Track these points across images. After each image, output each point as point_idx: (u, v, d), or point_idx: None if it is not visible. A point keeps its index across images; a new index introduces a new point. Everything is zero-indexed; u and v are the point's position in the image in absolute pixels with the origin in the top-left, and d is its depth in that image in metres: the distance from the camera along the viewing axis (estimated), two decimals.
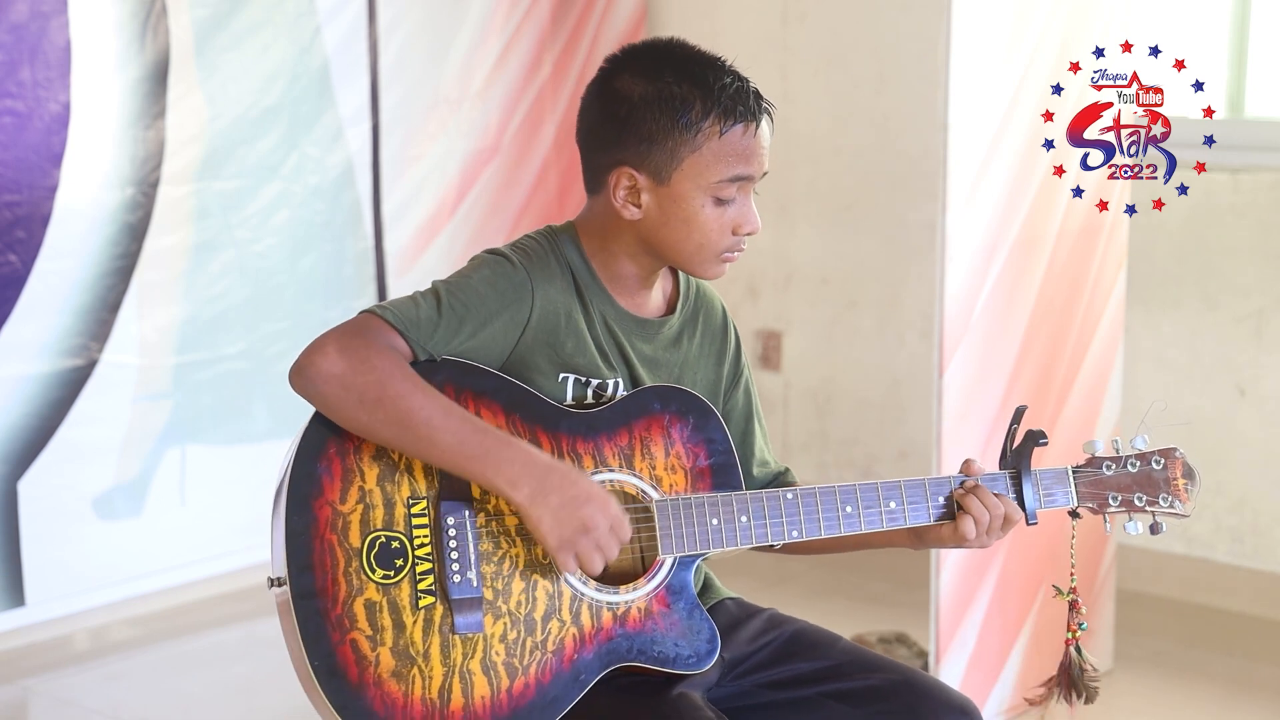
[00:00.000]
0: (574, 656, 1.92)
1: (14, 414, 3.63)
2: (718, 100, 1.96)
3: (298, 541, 1.87)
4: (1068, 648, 2.09)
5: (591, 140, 2.03)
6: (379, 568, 1.88)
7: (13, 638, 3.66)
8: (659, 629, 1.96)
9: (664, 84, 1.96)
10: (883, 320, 4.38)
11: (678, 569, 1.98)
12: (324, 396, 1.87)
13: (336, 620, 1.86)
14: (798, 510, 1.99)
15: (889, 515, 2.00)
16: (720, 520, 1.97)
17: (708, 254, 2.00)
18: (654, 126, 1.96)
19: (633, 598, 1.95)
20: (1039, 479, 2.03)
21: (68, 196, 3.64)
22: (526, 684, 1.90)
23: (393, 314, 1.91)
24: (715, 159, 1.96)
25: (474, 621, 1.89)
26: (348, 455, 1.90)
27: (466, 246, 4.33)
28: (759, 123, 1.99)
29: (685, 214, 1.97)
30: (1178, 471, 2.06)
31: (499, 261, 1.98)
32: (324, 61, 4.03)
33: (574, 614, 1.93)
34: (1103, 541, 3.45)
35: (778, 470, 2.19)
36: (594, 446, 1.96)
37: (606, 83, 2.01)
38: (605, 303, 2.03)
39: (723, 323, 2.16)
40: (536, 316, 1.97)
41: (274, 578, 1.91)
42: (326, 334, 1.90)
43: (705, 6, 4.60)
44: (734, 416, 2.16)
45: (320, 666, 1.85)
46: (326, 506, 1.88)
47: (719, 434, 2.02)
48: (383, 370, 1.86)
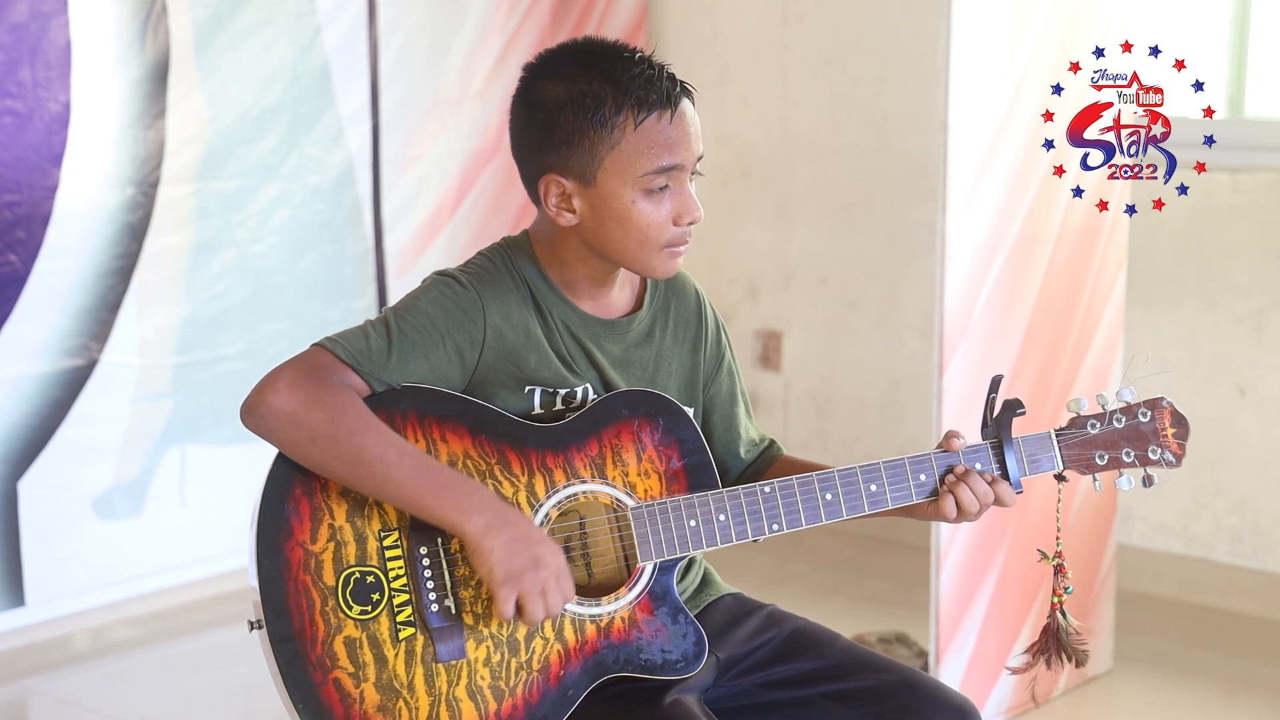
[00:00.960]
0: (560, 673, 1.91)
1: (14, 414, 3.63)
2: (627, 92, 1.92)
3: (271, 586, 1.86)
4: (1054, 611, 2.06)
5: (519, 152, 2.01)
6: (356, 604, 1.87)
7: (13, 638, 3.66)
8: (644, 637, 1.94)
9: (575, 84, 1.94)
10: (883, 320, 4.38)
11: (659, 574, 1.96)
12: (276, 434, 1.87)
13: (318, 660, 1.85)
14: (776, 503, 1.96)
15: (871, 498, 1.97)
16: (698, 521, 1.95)
17: (650, 249, 1.96)
18: (570, 129, 1.93)
19: (615, 608, 1.94)
20: (1021, 446, 2.00)
21: (68, 196, 3.64)
22: (515, 705, 1.89)
23: (343, 348, 1.89)
24: (635, 153, 1.92)
25: (456, 648, 1.88)
26: (315, 494, 1.88)
27: (466, 246, 4.33)
28: (675, 108, 1.94)
29: (618, 213, 1.94)
30: (1166, 421, 2.01)
31: (448, 283, 1.96)
32: (324, 61, 4.03)
33: (557, 630, 1.91)
34: (1103, 542, 3.45)
35: (763, 445, 2.16)
36: (564, 459, 1.94)
37: (525, 92, 1.99)
38: (566, 310, 2.00)
39: (696, 307, 2.11)
40: (491, 335, 1.95)
41: (253, 620, 1.89)
42: (277, 370, 1.88)
43: (705, 6, 4.60)
44: (719, 400, 2.12)
45: (305, 708, 1.84)
46: (298, 548, 1.87)
47: (690, 433, 1.98)
48: (334, 408, 1.84)
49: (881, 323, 4.38)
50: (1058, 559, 2.04)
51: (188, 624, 3.86)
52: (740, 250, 4.61)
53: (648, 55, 1.96)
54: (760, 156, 4.53)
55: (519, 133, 2.01)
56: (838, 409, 4.48)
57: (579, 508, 1.95)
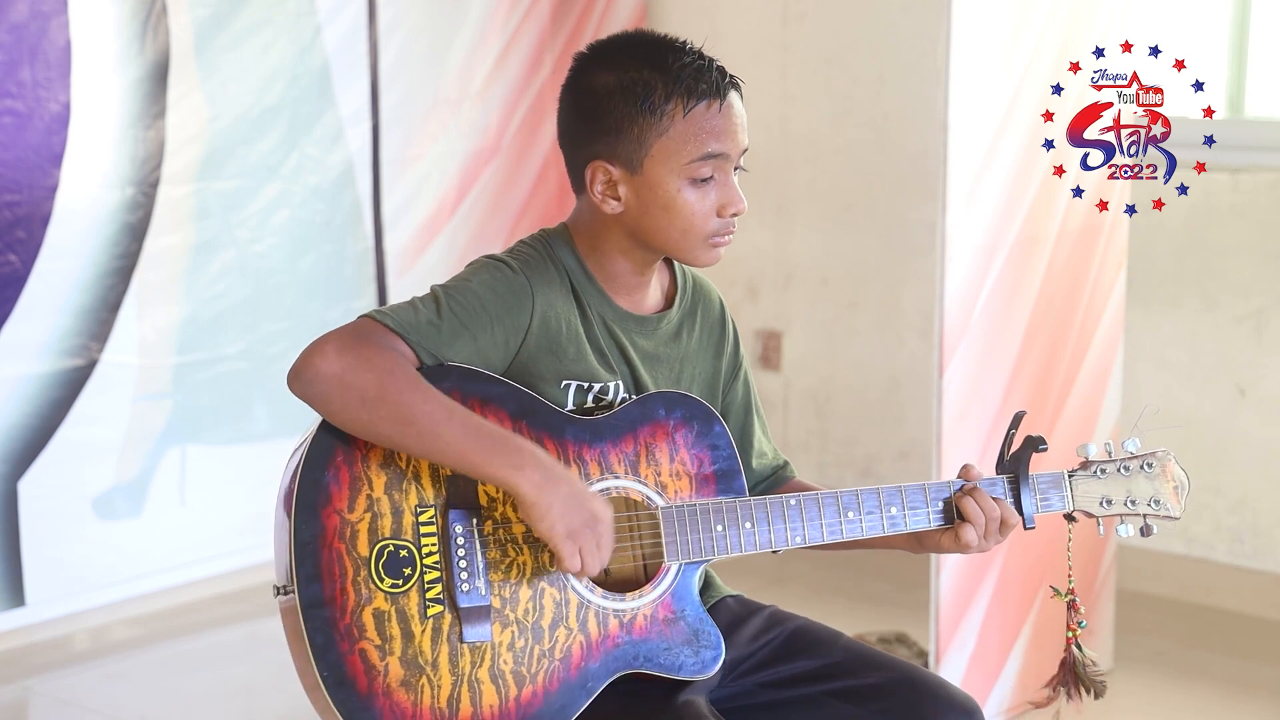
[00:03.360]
0: (581, 664, 1.92)
1: (14, 414, 3.63)
2: (678, 80, 1.94)
3: (305, 550, 1.86)
4: (1069, 646, 2.08)
5: (567, 139, 2.02)
6: (387, 577, 1.87)
7: (13, 638, 3.66)
8: (665, 636, 1.95)
9: (625, 72, 1.95)
10: (883, 320, 4.38)
11: (682, 575, 1.97)
12: (324, 396, 1.86)
13: (345, 630, 1.85)
14: (800, 516, 1.98)
15: (890, 520, 2.00)
16: (725, 526, 1.97)
17: (694, 239, 1.98)
18: (620, 116, 1.95)
19: (639, 604, 1.95)
20: (1035, 484, 2.03)
21: (68, 196, 3.64)
22: (534, 692, 1.90)
23: (392, 318, 1.90)
24: (683, 140, 1.94)
25: (482, 630, 1.89)
26: (355, 463, 1.89)
27: (466, 246, 4.33)
28: (724, 98, 1.96)
29: (663, 200, 1.96)
30: (1168, 475, 2.07)
31: (499, 267, 1.97)
32: (324, 61, 4.03)
33: (581, 621, 1.92)
34: (1102, 542, 3.45)
35: (776, 463, 2.19)
36: (599, 453, 1.96)
37: (575, 80, 2.01)
38: (603, 303, 2.02)
39: (720, 315, 2.15)
40: (537, 323, 1.96)
41: (280, 586, 1.90)
42: (325, 336, 1.89)
43: (705, 6, 4.60)
44: (733, 409, 2.16)
45: (329, 676, 1.84)
46: (335, 515, 1.87)
47: (723, 440, 2.01)
48: (382, 368, 1.85)
49: (881, 323, 4.38)
50: (1070, 595, 2.07)
51: (188, 624, 3.86)
52: (740, 250, 4.61)
53: (698, 47, 1.99)
54: (760, 156, 4.52)
55: (568, 119, 2.02)
56: (838, 409, 4.48)
57: (610, 502, 1.95)
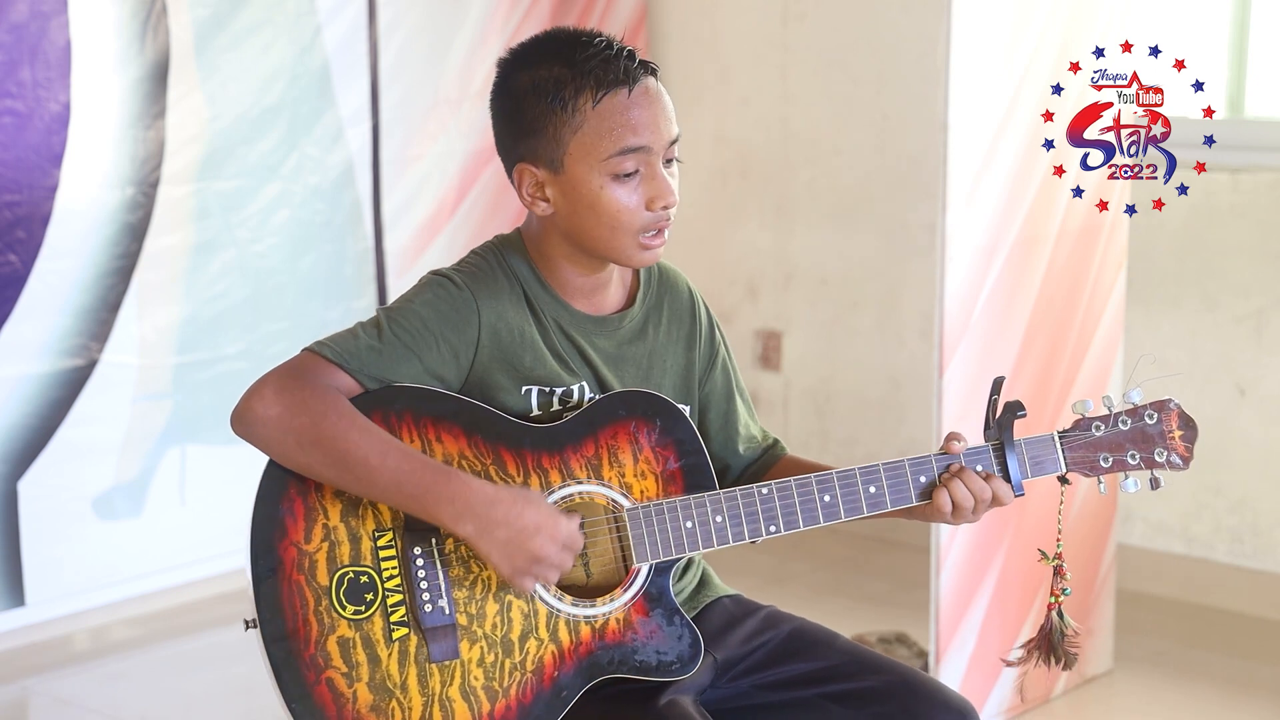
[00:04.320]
0: (554, 674, 1.91)
1: (14, 414, 3.63)
2: (585, 72, 1.90)
3: (265, 585, 1.86)
4: (1050, 611, 2.03)
5: (498, 145, 2.01)
6: (349, 604, 1.87)
7: (13, 638, 3.66)
8: (639, 638, 1.94)
9: (537, 70, 1.93)
10: (883, 320, 4.38)
11: (655, 575, 1.95)
12: (264, 440, 1.86)
13: (311, 660, 1.85)
14: (774, 505, 1.94)
15: (870, 500, 1.96)
16: (695, 522, 1.94)
17: (624, 236, 1.94)
18: (535, 115, 1.93)
19: (610, 609, 1.94)
20: (1024, 448, 1.98)
21: (68, 196, 3.64)
22: (508, 705, 1.89)
23: (331, 349, 1.89)
24: (598, 134, 1.91)
25: (449, 649, 1.88)
26: (309, 494, 1.88)
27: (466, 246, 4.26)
28: (634, 84, 1.92)
29: (588, 198, 1.93)
30: (1173, 423, 1.99)
31: (442, 283, 1.96)
32: (324, 61, 4.03)
33: (551, 631, 1.91)
34: (1103, 542, 3.45)
35: (766, 444, 2.14)
36: (560, 459, 1.93)
37: (498, 85, 1.99)
38: (558, 308, 2.00)
39: (689, 304, 2.11)
40: (486, 335, 1.94)
41: (248, 620, 1.90)
42: (264, 377, 1.88)
43: (705, 6, 4.60)
44: (714, 398, 2.12)
45: (299, 708, 1.85)
46: (291, 547, 1.87)
47: (688, 434, 1.97)
48: (318, 411, 1.84)
49: (881, 323, 4.38)
50: (1057, 560, 2.02)
51: (188, 624, 3.86)
52: (740, 250, 4.61)
53: (610, 38, 1.95)
54: (760, 156, 4.53)
55: (496, 126, 2.01)
56: (838, 409, 4.48)
57: (576, 508, 1.94)
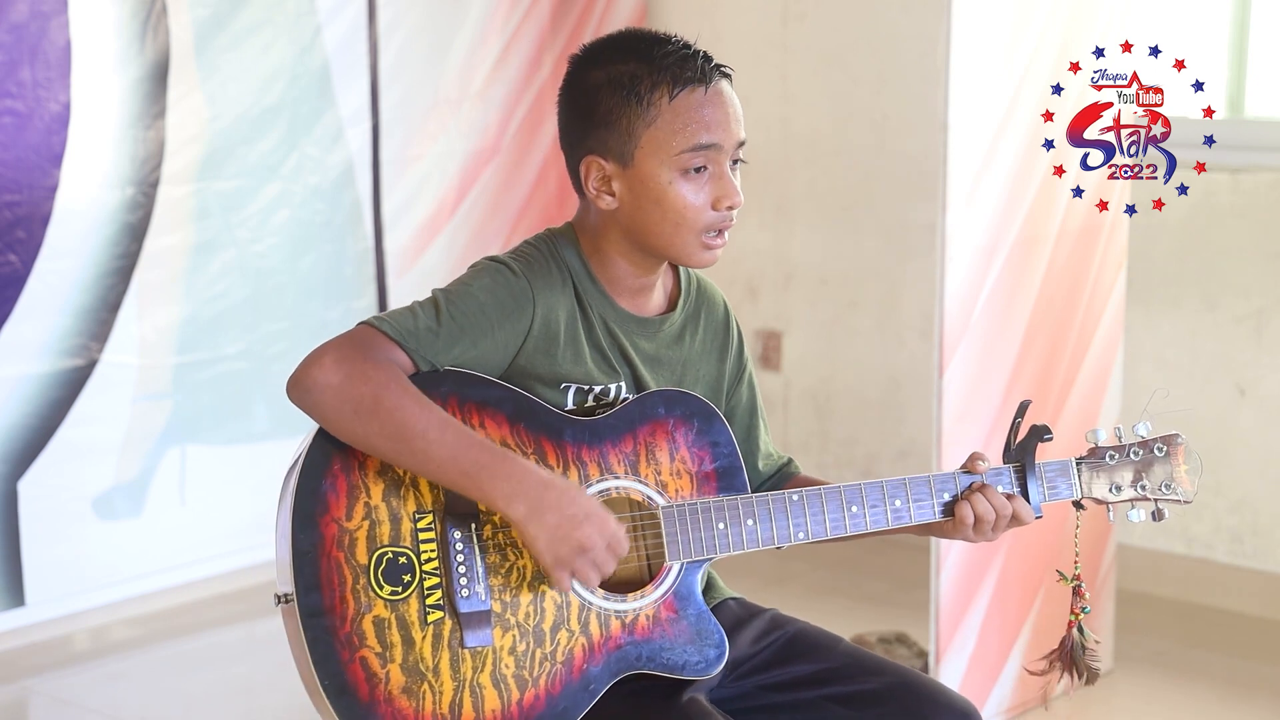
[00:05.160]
0: (583, 666, 1.92)
1: (14, 414, 3.63)
2: (662, 68, 1.94)
3: (304, 560, 1.86)
4: (1070, 629, 2.07)
5: (565, 139, 2.03)
6: (387, 584, 1.88)
7: (13, 638, 3.66)
8: (668, 636, 1.95)
9: (613, 66, 1.96)
10: (883, 320, 4.38)
11: (685, 574, 1.97)
12: (321, 407, 1.86)
13: (345, 638, 1.86)
14: (804, 512, 1.98)
15: (894, 514, 2.00)
16: (727, 524, 1.97)
17: (687, 234, 1.96)
18: (608, 109, 1.95)
19: (641, 605, 1.95)
20: (1043, 472, 2.03)
21: (68, 196, 3.64)
22: (537, 695, 1.90)
23: (390, 325, 1.90)
24: (672, 129, 1.94)
25: (483, 635, 1.89)
26: (353, 471, 1.89)
27: (466, 246, 4.33)
28: (710, 84, 1.96)
29: (655, 193, 1.95)
30: (1180, 458, 2.05)
31: (500, 270, 1.97)
32: (324, 61, 4.03)
33: (583, 624, 1.92)
34: (1103, 542, 3.45)
35: (780, 462, 2.19)
36: (599, 454, 1.95)
37: (570, 81, 2.02)
38: (605, 305, 2.02)
39: (725, 319, 2.15)
40: (538, 326, 1.96)
41: (281, 594, 1.90)
42: (324, 345, 1.89)
43: (705, 6, 4.60)
44: (738, 412, 2.16)
45: (330, 685, 1.84)
46: (333, 524, 1.87)
47: (724, 437, 2.01)
48: (379, 382, 1.85)
49: (881, 323, 4.38)
50: (1076, 580, 2.06)
51: (188, 624, 3.86)
52: (740, 250, 4.61)
53: (686, 39, 1.99)
54: (760, 156, 4.53)
55: (563, 119, 2.03)
56: (838, 409, 4.48)
57: (611, 503, 1.95)
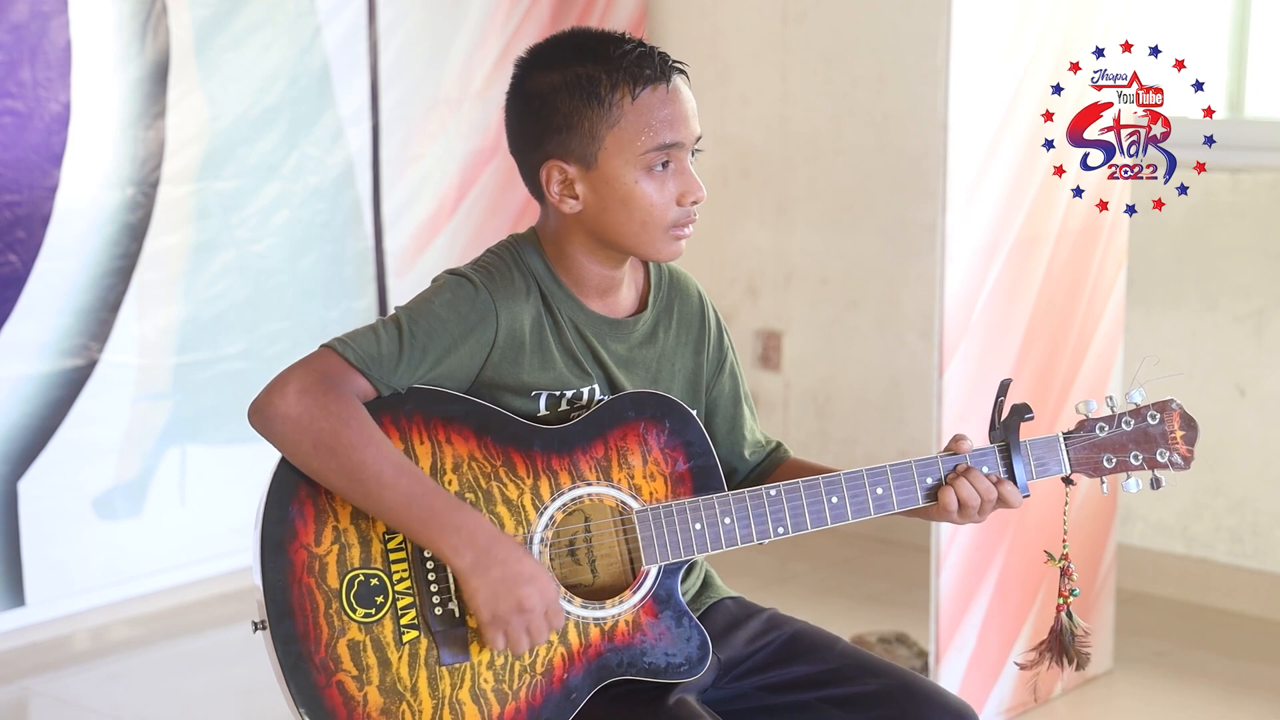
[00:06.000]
0: (564, 676, 1.91)
1: (14, 414, 3.63)
2: (621, 69, 1.92)
3: (275, 587, 1.86)
4: (1059, 613, 2.04)
5: (519, 144, 2.01)
6: (360, 607, 1.87)
7: (13, 638, 3.66)
8: (648, 640, 1.94)
9: (568, 68, 1.94)
10: (883, 320, 4.38)
11: (664, 577, 1.95)
12: (280, 438, 1.86)
13: (321, 663, 1.85)
14: (782, 506, 1.95)
15: (877, 502, 1.97)
16: (703, 524, 1.94)
17: (654, 231, 1.95)
18: (568, 112, 1.94)
19: (619, 611, 1.94)
20: (1029, 450, 1.99)
21: (68, 196, 3.64)
22: (518, 708, 1.89)
23: (354, 352, 1.88)
24: (635, 129, 1.93)
25: (460, 651, 1.88)
26: (319, 496, 1.88)
27: (466, 246, 4.33)
28: (669, 81, 1.95)
29: (620, 193, 1.94)
30: (1175, 424, 1.99)
31: (461, 284, 1.95)
32: (324, 61, 4.03)
33: (561, 633, 1.91)
34: (1103, 542, 3.45)
35: (769, 449, 2.15)
36: (569, 461, 1.93)
37: (519, 85, 2.00)
38: (574, 308, 2.00)
39: (699, 308, 2.11)
40: (502, 337, 1.94)
41: (256, 621, 1.89)
42: (287, 372, 1.87)
43: (705, 6, 4.60)
44: (721, 403, 2.12)
45: (309, 711, 1.85)
46: (302, 550, 1.87)
47: (697, 436, 1.98)
48: (340, 417, 1.84)
49: (881, 323, 4.38)
50: (1064, 561, 2.03)
51: (188, 624, 3.86)
52: (740, 250, 4.61)
53: (636, 38, 1.97)
54: (760, 156, 4.53)
55: (516, 126, 2.01)
56: (838, 409, 4.48)
57: (585, 509, 1.94)
